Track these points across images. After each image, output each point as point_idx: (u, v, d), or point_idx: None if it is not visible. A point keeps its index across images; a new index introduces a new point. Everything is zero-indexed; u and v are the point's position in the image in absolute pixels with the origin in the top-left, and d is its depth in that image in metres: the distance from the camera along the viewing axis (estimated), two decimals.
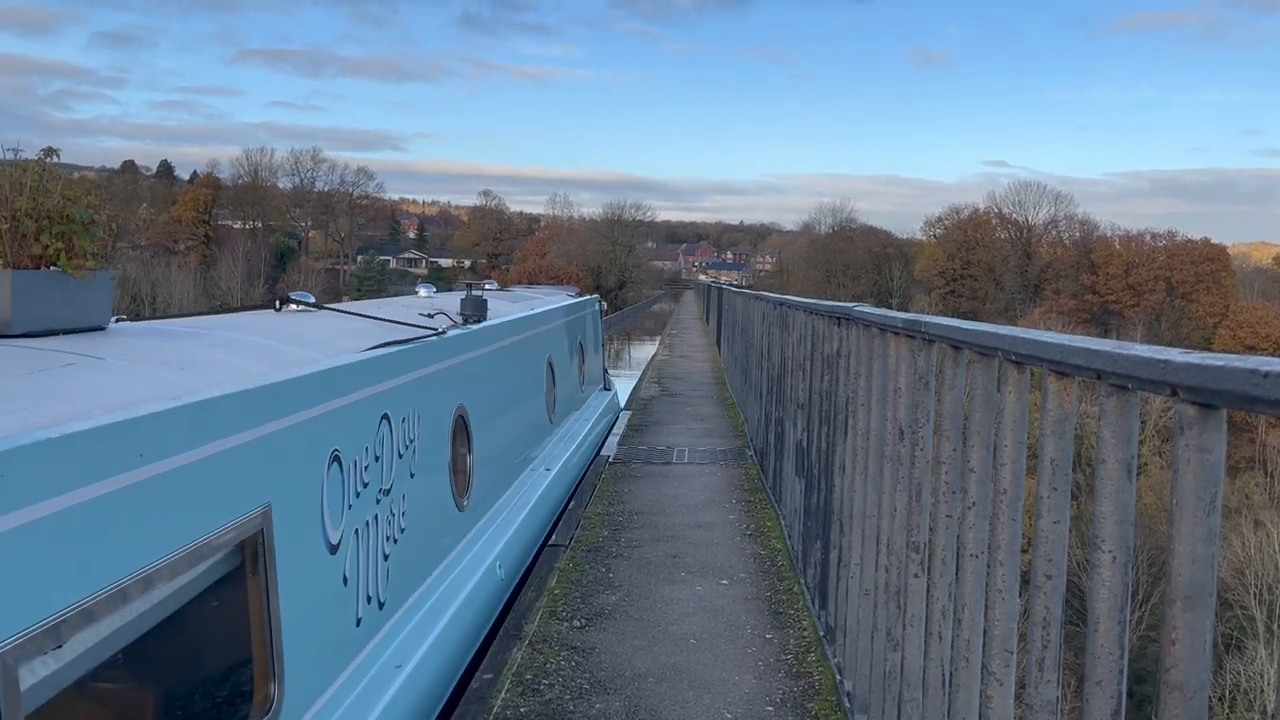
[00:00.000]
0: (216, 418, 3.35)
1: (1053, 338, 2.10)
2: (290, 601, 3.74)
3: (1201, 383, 1.48)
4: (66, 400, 2.88)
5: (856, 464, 4.23)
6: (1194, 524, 1.53)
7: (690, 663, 5.13)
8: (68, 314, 3.79)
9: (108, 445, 2.72)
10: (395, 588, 4.98)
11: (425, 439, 5.64)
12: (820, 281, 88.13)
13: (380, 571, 4.81)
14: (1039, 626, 2.06)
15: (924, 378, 3.21)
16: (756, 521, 8.02)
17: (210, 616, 3.52)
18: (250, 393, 3.63)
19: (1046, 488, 2.08)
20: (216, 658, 3.65)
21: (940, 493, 2.93)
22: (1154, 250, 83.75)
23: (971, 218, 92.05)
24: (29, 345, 3.43)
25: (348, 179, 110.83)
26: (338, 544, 4.30)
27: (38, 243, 3.61)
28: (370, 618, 4.63)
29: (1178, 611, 1.54)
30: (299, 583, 3.84)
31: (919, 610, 3.14)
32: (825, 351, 5.28)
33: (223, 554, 3.36)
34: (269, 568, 3.62)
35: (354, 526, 4.48)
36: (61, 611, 2.43)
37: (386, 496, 4.95)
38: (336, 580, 4.30)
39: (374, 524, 4.75)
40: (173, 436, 3.07)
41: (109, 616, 2.68)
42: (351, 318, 5.99)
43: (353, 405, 4.59)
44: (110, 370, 3.36)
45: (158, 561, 2.90)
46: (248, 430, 3.54)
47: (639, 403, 15.33)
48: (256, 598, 3.58)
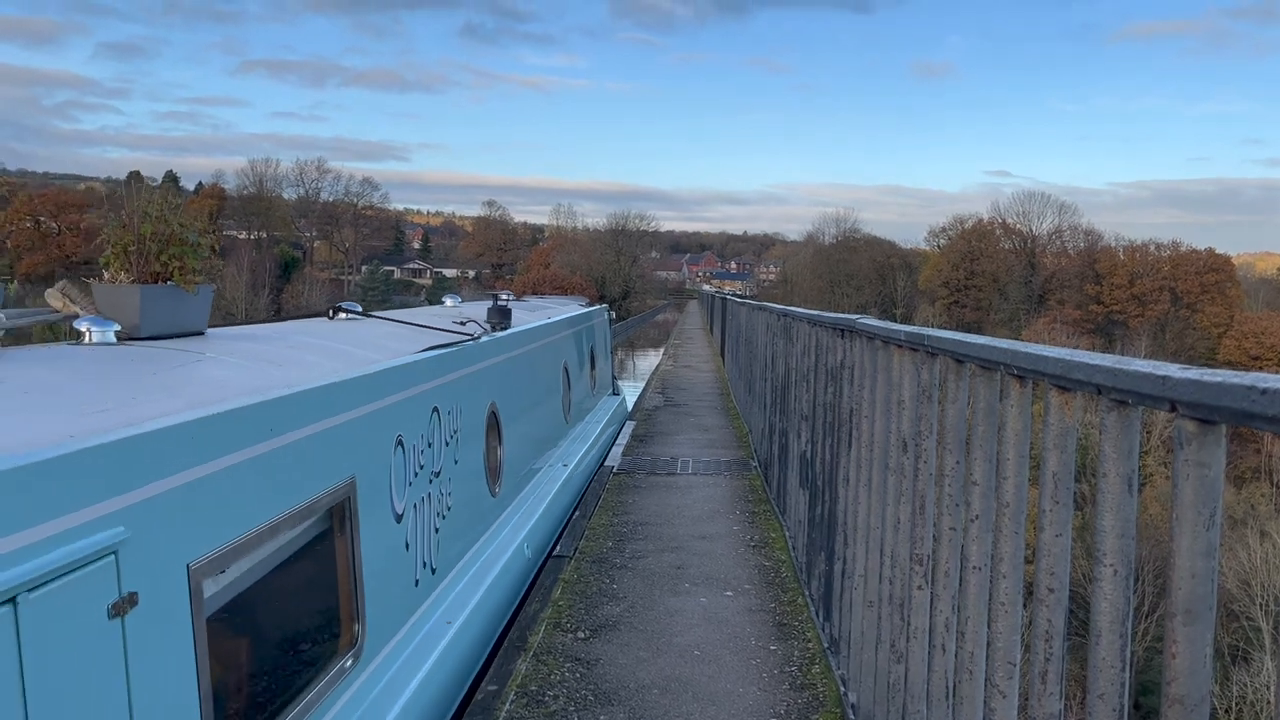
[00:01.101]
0: (320, 402, 4.14)
1: (1054, 352, 2.11)
2: (370, 559, 4.52)
3: (1200, 398, 1.50)
4: (206, 386, 3.65)
5: (860, 476, 4.25)
6: (1194, 538, 1.55)
7: (695, 674, 5.14)
8: (179, 320, 4.55)
9: (251, 420, 3.51)
10: (443, 557, 5.75)
11: (465, 431, 6.40)
12: (824, 292, 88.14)
13: (432, 542, 5.57)
14: (1042, 639, 2.08)
15: (927, 390, 3.22)
16: (761, 533, 8.02)
17: (314, 565, 4.23)
18: (341, 384, 4.43)
19: (1049, 501, 2.09)
20: (319, 598, 4.27)
21: (944, 505, 2.94)
22: (1158, 260, 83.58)
23: (975, 228, 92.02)
24: (157, 345, 4.21)
25: (353, 189, 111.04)
26: (401, 514, 5.07)
27: (157, 261, 4.35)
28: (425, 580, 5.40)
29: (1178, 625, 1.55)
30: (375, 544, 4.61)
31: (923, 622, 3.15)
32: (829, 363, 5.30)
33: (323, 513, 4.13)
34: (354, 529, 4.39)
35: (413, 501, 5.25)
36: (226, 544, 3.24)
37: (437, 478, 5.73)
38: (401, 545, 5.06)
39: (427, 500, 5.51)
40: (291, 416, 3.85)
41: (250, 554, 3.47)
42: (395, 324, 6.81)
43: (412, 398, 5.35)
44: (226, 365, 4.14)
45: (284, 513, 3.68)
46: (340, 414, 4.35)
47: (643, 413, 15.33)
48: (344, 553, 4.33)
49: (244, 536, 3.38)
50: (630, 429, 13.52)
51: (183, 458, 3.06)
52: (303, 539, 4.03)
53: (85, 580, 2.56)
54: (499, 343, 7.69)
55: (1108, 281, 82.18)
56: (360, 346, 5.45)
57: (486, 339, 7.31)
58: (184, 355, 4.13)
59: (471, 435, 6.60)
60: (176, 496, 3.01)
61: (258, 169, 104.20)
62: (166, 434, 2.98)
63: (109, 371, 3.63)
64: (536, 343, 9.43)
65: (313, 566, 4.26)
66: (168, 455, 2.99)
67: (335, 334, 5.80)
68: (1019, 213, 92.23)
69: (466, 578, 6.01)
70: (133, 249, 4.32)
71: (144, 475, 2.87)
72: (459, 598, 5.71)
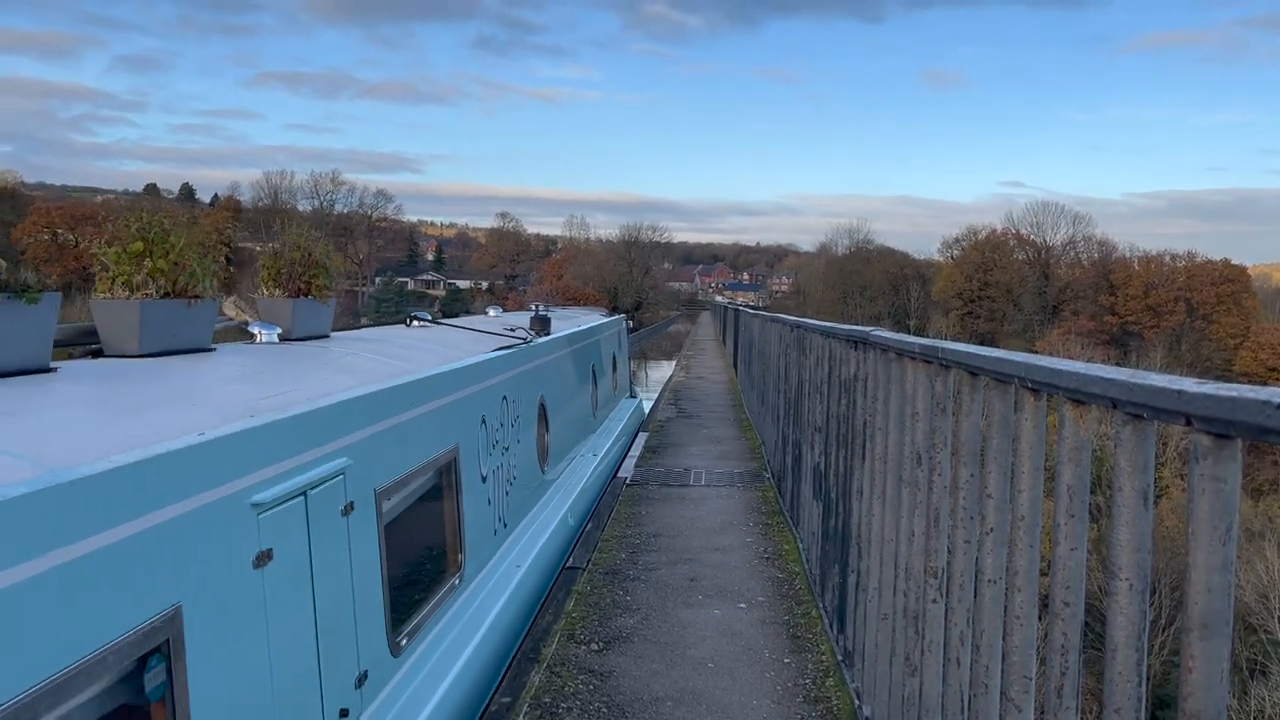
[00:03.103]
0: (442, 384, 5.77)
1: (1070, 366, 2.11)
2: (469, 507, 6.13)
3: (1216, 413, 1.50)
4: (360, 371, 5.04)
5: (874, 488, 4.24)
6: (1210, 553, 1.54)
7: (708, 687, 5.13)
8: (317, 325, 5.99)
9: (406, 395, 5.10)
10: (511, 515, 7.30)
11: (523, 417, 7.96)
12: (837, 302, 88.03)
13: (504, 503, 7.07)
14: (1058, 653, 2.07)
15: (941, 403, 3.22)
16: (774, 544, 8.00)
17: (437, 505, 5.78)
18: (448, 373, 5.95)
19: (1064, 515, 2.09)
20: (440, 530, 5.84)
21: (958, 518, 2.93)
22: (1173, 271, 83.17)
23: (989, 238, 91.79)
24: (307, 344, 5.60)
25: (366, 201, 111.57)
26: (485, 477, 6.59)
27: (300, 280, 5.81)
28: (499, 531, 6.93)
29: (1194, 640, 1.55)
30: (472, 496, 6.23)
31: (937, 636, 3.14)
32: (843, 375, 5.29)
33: (443, 466, 5.73)
34: (458, 484, 5.99)
35: (491, 468, 6.77)
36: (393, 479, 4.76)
37: (506, 452, 7.23)
38: (485, 501, 6.60)
39: (500, 469, 7.04)
40: (429, 393, 5.46)
41: (404, 489, 4.96)
42: (459, 330, 8.38)
43: (491, 387, 6.93)
44: (362, 357, 5.50)
45: (423, 463, 5.27)
46: (450, 395, 5.91)
47: (656, 424, 15.33)
48: (453, 500, 5.93)
49: (402, 475, 4.91)
50: (643, 440, 13.53)
51: (372, 416, 4.54)
52: (430, 484, 5.56)
53: (331, 489, 4.00)
54: (545, 346, 9.20)
55: (1122, 292, 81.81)
56: (443, 346, 6.95)
57: (536, 342, 8.81)
58: (330, 350, 5.51)
59: (528, 421, 8.15)
60: (371, 442, 4.47)
61: (273, 181, 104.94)
62: (364, 399, 4.49)
63: (288, 360, 4.94)
64: (572, 347, 10.99)
65: (437, 506, 5.76)
66: (365, 414, 4.48)
67: (420, 337, 7.34)
68: (1032, 223, 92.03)
69: (527, 534, 7.53)
70: (284, 271, 5.76)
71: (357, 425, 4.36)
72: (522, 548, 7.19)
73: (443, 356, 6.36)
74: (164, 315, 4.34)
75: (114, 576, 2.58)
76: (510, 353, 7.62)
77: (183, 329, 4.50)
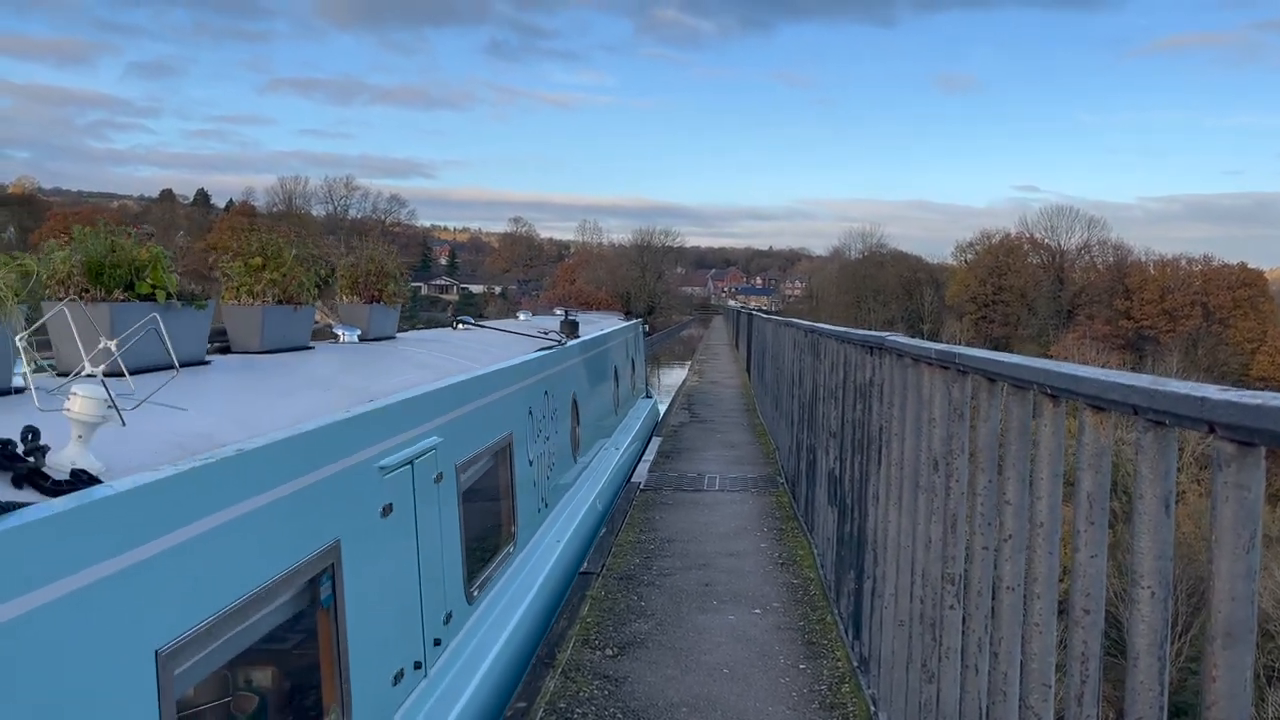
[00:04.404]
0: (502, 379, 6.72)
1: (1089, 372, 2.10)
2: (520, 485, 7.00)
3: (1239, 420, 1.49)
4: (433, 368, 5.95)
5: (890, 494, 4.23)
6: (1233, 561, 1.54)
7: (723, 693, 5.12)
8: (387, 327, 6.97)
9: (478, 387, 6.08)
10: (550, 497, 8.18)
11: (560, 410, 8.92)
12: (850, 307, 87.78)
13: (546, 484, 8.00)
14: (1077, 661, 2.06)
15: (958, 408, 3.21)
16: (788, 550, 7.99)
17: (497, 482, 6.59)
18: (506, 370, 6.97)
19: (1084, 522, 2.08)
20: (499, 503, 6.68)
21: (976, 524, 2.92)
22: (1189, 275, 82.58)
23: (1003, 242, 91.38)
24: (382, 344, 6.54)
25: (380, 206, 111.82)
26: (532, 461, 7.50)
27: (373, 288, 6.73)
28: (541, 510, 7.80)
29: (1217, 648, 1.54)
30: (522, 476, 7.09)
31: (955, 642, 3.13)
32: (858, 380, 5.28)
33: (500, 450, 6.57)
34: (512, 465, 6.83)
35: (536, 454, 7.68)
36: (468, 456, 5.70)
37: (547, 441, 8.15)
38: (531, 482, 7.47)
39: (543, 455, 7.93)
40: (493, 386, 6.43)
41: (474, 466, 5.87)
42: (499, 332, 9.52)
43: (535, 383, 7.88)
44: (430, 354, 6.55)
45: (487, 446, 6.18)
46: (506, 388, 6.80)
47: (669, 429, 15.32)
48: (507, 477, 6.76)
49: (475, 454, 5.84)
50: (656, 445, 13.53)
51: (454, 404, 5.46)
52: (492, 464, 6.43)
53: (429, 460, 4.85)
54: (576, 347, 10.18)
55: (1138, 296, 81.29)
56: (491, 346, 7.99)
57: (569, 344, 9.76)
58: (402, 349, 6.56)
59: (563, 414, 9.08)
60: (454, 424, 5.36)
61: (287, 186, 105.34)
62: (450, 389, 5.46)
63: (374, 357, 5.93)
64: (597, 349, 12.03)
65: (496, 483, 6.54)
66: (451, 401, 5.38)
67: (469, 338, 8.46)
68: (1047, 227, 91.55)
69: (563, 515, 8.41)
70: (361, 280, 6.72)
71: (445, 410, 5.26)
72: (560, 527, 8.08)
73: (495, 356, 7.37)
74: (278, 318, 5.27)
75: (304, 512, 3.49)
76: (550, 353, 8.67)
77: (290, 330, 5.42)
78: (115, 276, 3.90)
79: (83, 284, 3.84)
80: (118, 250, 3.92)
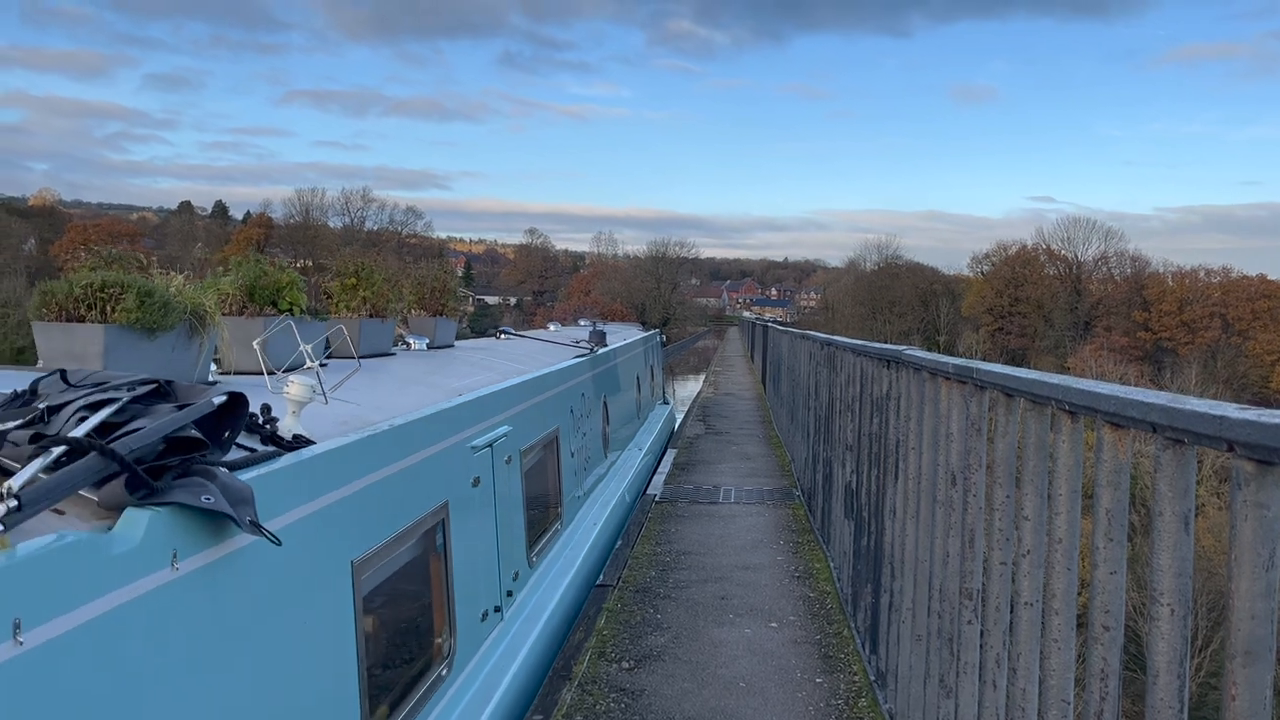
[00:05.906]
0: (552, 381, 7.71)
1: (1107, 388, 2.10)
2: (565, 473, 7.98)
3: (1259, 439, 1.49)
4: (495, 370, 7.07)
5: (908, 508, 4.23)
6: (1253, 580, 1.54)
7: (740, 707, 5.11)
8: (448, 337, 8.21)
9: (536, 386, 7.05)
10: (586, 486, 9.12)
11: (593, 412, 9.93)
12: (866, 319, 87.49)
13: (582, 475, 8.97)
14: (1096, 678, 2.06)
15: (976, 423, 3.21)
16: (805, 563, 7.97)
17: (547, 470, 7.47)
18: (554, 373, 7.96)
19: (1102, 538, 2.08)
20: (551, 487, 7.60)
21: (994, 539, 2.92)
22: (1208, 286, 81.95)
23: (1019, 254, 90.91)
24: (447, 351, 7.72)
25: (396, 218, 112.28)
26: (573, 454, 8.45)
27: (437, 302, 7.95)
28: (579, 497, 8.71)
29: (1237, 667, 1.54)
30: (567, 465, 8.08)
31: (973, 658, 3.13)
32: (874, 393, 5.28)
33: (549, 443, 7.44)
34: (559, 457, 7.81)
35: (576, 448, 8.63)
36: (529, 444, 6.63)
37: (584, 438, 9.13)
38: (573, 472, 8.44)
39: (580, 450, 8.92)
40: (546, 386, 7.42)
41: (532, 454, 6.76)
42: (537, 342, 10.92)
43: (575, 385, 8.88)
44: (489, 359, 7.78)
45: (540, 438, 7.05)
46: (552, 390, 7.72)
47: (684, 441, 15.32)
48: (554, 467, 7.69)
49: (534, 442, 6.74)
50: (671, 457, 13.54)
51: (520, 399, 6.41)
52: (544, 454, 7.28)
53: (503, 444, 5.76)
54: (605, 355, 11.30)
55: (1156, 308, 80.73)
56: (534, 353, 9.29)
57: (599, 352, 10.89)
58: (464, 355, 7.72)
59: (595, 414, 10.10)
60: (520, 416, 6.31)
61: (304, 198, 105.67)
62: (517, 387, 6.51)
63: (445, 361, 7.07)
64: (622, 357, 13.11)
65: (546, 470, 7.39)
66: (517, 397, 6.38)
67: (513, 346, 9.78)
68: (1063, 238, 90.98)
69: (597, 504, 9.35)
70: (427, 296, 7.88)
71: (513, 404, 6.24)
72: (594, 514, 8.97)
73: (540, 361, 8.53)
74: (371, 329, 6.42)
75: (428, 474, 4.41)
76: (584, 359, 9.87)
77: (378, 339, 6.58)
78: (263, 296, 4.96)
79: (242, 301, 4.91)
80: (263, 275, 4.98)
